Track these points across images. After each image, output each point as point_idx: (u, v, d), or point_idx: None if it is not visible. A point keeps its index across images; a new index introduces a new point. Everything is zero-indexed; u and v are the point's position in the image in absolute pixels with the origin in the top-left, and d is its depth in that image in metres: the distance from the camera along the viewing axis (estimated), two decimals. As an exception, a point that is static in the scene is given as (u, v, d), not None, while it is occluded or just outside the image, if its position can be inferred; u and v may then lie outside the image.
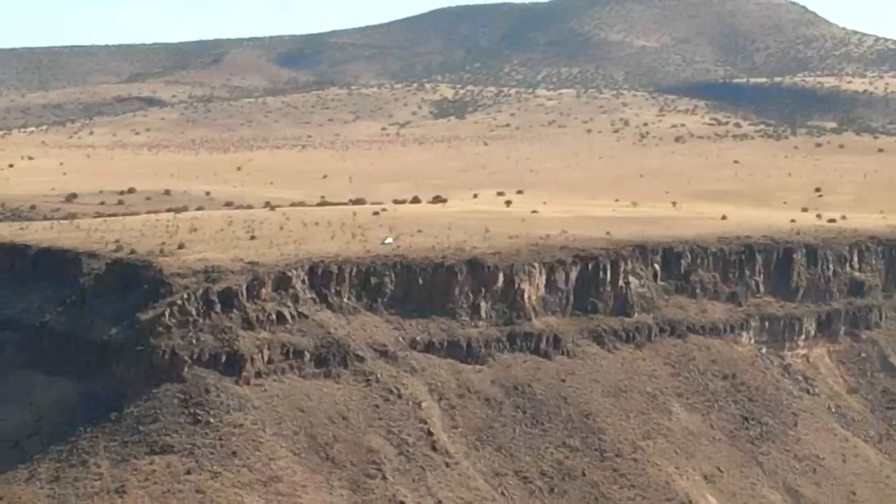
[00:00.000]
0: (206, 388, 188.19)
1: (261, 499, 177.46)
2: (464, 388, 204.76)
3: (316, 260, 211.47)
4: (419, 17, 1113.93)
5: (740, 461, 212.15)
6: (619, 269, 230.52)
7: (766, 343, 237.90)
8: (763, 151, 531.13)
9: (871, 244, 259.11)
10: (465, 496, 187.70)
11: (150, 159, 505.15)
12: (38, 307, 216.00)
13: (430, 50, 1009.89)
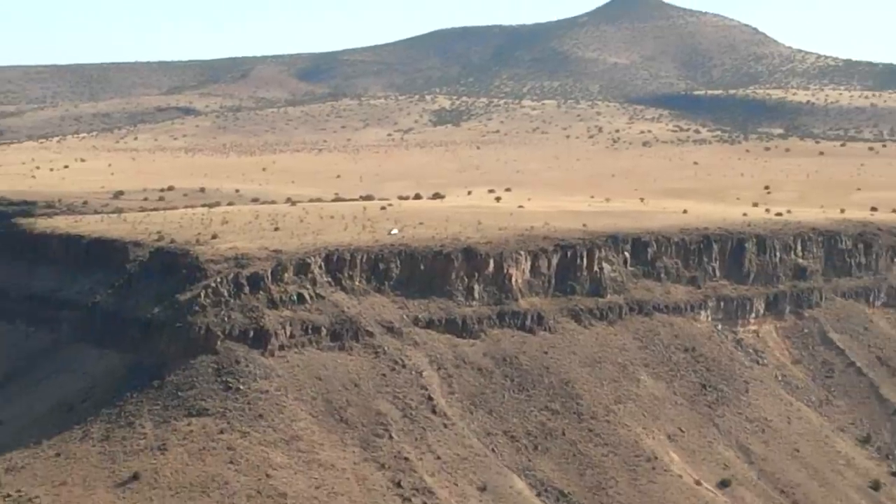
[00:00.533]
0: (237, 360, 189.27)
1: (284, 455, 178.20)
2: (459, 359, 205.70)
3: (331, 248, 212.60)
4: (420, 38, 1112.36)
5: (699, 423, 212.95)
6: (594, 257, 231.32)
7: (722, 320, 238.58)
8: (719, 154, 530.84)
9: (812, 235, 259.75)
10: (460, 453, 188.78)
11: (187, 161, 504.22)
12: (90, 289, 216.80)
13: (430, 66, 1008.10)
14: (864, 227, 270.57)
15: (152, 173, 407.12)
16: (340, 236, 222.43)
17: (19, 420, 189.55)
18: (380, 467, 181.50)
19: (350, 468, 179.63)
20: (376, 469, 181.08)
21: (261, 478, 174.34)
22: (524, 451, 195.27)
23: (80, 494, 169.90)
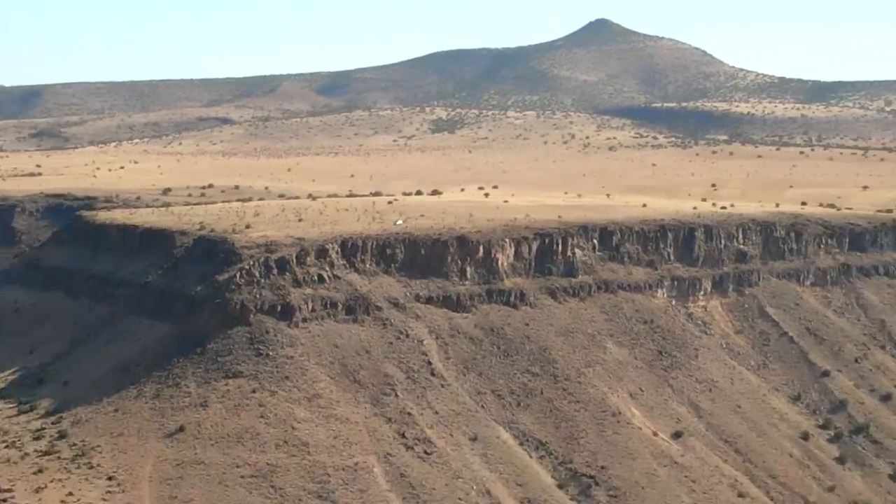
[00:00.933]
0: (266, 330, 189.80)
1: (306, 411, 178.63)
2: (454, 329, 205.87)
3: (346, 236, 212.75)
4: (420, 59, 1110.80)
5: (656, 383, 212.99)
6: (567, 243, 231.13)
7: (675, 297, 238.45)
8: (673, 157, 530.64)
9: (752, 225, 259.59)
10: (454, 409, 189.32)
11: (224, 163, 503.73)
12: (142, 271, 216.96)
13: (429, 82, 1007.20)
14: (795, 218, 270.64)
15: (195, 173, 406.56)
16: (354, 226, 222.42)
17: (83, 381, 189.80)
18: (387, 421, 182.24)
19: (362, 421, 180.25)
20: (384, 422, 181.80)
21: (287, 430, 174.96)
22: (508, 407, 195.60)
23: (134, 444, 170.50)
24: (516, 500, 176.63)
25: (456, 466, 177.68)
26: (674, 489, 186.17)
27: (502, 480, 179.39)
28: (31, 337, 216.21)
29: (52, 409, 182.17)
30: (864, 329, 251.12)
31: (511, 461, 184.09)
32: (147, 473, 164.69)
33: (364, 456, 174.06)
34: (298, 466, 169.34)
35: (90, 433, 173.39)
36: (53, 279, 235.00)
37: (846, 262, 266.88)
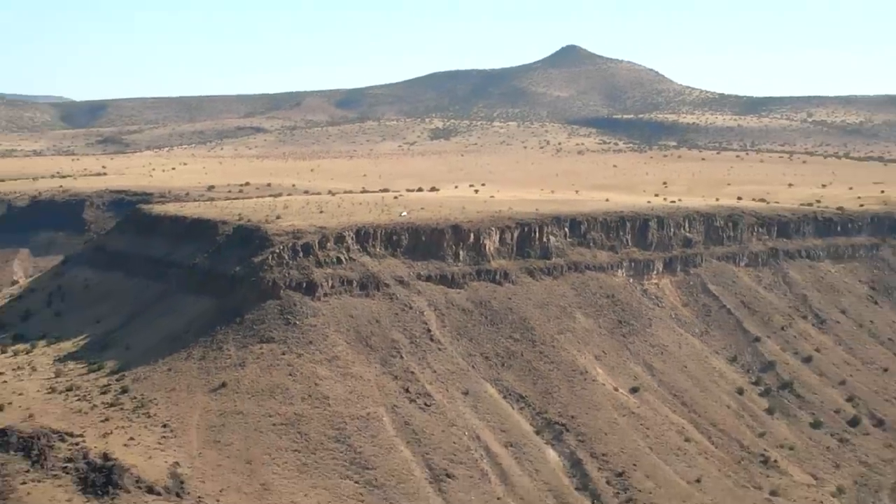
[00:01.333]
0: (294, 303, 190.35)
1: (326, 370, 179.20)
2: (449, 302, 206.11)
3: (360, 225, 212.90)
4: (421, 78, 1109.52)
5: (616, 347, 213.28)
6: (543, 231, 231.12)
7: (632, 276, 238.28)
8: (631, 160, 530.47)
9: (696, 216, 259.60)
10: (449, 368, 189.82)
11: (258, 165, 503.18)
12: (190, 254, 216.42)
13: (428, 98, 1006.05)
14: (732, 210, 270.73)
15: (233, 173, 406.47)
16: (366, 217, 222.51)
17: (141, 346, 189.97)
18: (393, 378, 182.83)
19: (373, 379, 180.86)
20: (391, 379, 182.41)
21: (310, 386, 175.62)
22: (494, 367, 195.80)
23: (184, 397, 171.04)
24: (501, 444, 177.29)
25: (451, 416, 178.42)
26: (631, 435, 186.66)
27: (489, 428, 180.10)
28: (97, 309, 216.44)
29: (115, 368, 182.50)
30: (788, 302, 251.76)
31: (496, 412, 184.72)
32: (195, 421, 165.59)
33: (375, 407, 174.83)
34: (320, 416, 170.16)
35: (147, 388, 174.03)
36: (116, 261, 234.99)
37: (774, 246, 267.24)
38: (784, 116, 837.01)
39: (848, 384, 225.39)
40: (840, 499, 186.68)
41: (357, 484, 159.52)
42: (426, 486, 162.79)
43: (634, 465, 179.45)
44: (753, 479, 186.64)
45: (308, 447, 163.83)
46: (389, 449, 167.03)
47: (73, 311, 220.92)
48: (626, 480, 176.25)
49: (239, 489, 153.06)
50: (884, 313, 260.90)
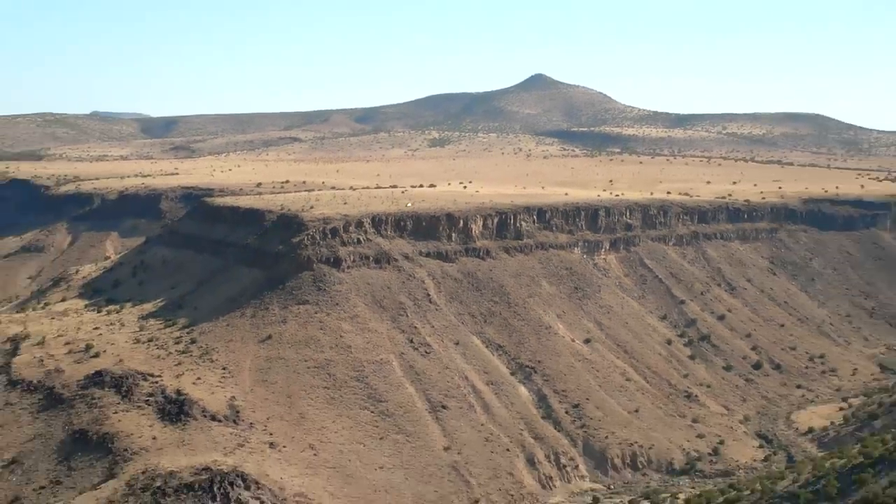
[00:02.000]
0: (324, 274, 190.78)
1: (349, 325, 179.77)
2: (444, 273, 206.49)
3: (375, 213, 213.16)
4: (422, 99, 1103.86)
5: (573, 308, 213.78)
6: (517, 218, 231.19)
7: (586, 252, 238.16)
8: (585, 163, 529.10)
9: (635, 206, 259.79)
10: (444, 324, 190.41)
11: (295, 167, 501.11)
12: (244, 236, 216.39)
13: (427, 114, 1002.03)
14: (662, 202, 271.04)
15: (276, 173, 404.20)
16: (379, 207, 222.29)
17: (206, 307, 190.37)
18: (401, 332, 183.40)
19: (385, 332, 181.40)
20: (399, 333, 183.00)
21: (337, 338, 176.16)
22: (478, 323, 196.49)
23: (239, 346, 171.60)
24: (483, 383, 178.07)
25: (445, 361, 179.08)
26: (584, 376, 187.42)
27: (474, 370, 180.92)
28: (171, 279, 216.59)
29: (186, 324, 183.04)
30: (706, 273, 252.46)
31: (480, 358, 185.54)
32: (247, 365, 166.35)
33: (386, 354, 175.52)
34: (344, 361, 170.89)
35: (211, 340, 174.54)
36: (186, 242, 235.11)
37: (695, 230, 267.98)
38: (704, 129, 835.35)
39: (752, 336, 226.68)
40: (746, 425, 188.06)
41: (372, 413, 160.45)
42: (426, 415, 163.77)
43: (587, 399, 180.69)
44: (679, 409, 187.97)
45: (335, 385, 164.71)
46: (397, 386, 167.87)
47: (152, 281, 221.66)
48: (580, 411, 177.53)
49: (281, 417, 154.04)
50: (780, 282, 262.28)
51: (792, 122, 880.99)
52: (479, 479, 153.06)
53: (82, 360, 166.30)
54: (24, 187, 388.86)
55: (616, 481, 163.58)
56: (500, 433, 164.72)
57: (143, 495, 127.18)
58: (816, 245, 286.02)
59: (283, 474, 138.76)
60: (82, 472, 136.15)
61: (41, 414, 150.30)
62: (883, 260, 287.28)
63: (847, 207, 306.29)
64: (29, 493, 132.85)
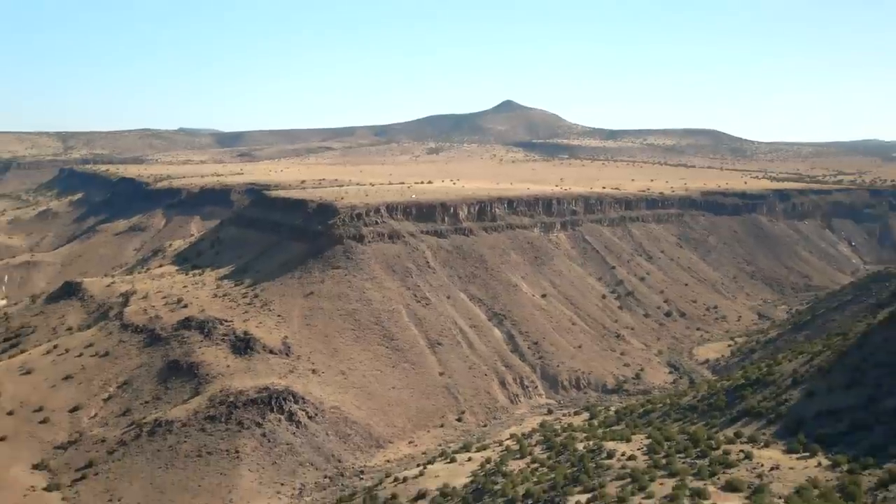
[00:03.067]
0: (350, 247, 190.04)
1: (369, 284, 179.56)
2: (439, 246, 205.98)
3: (388, 202, 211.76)
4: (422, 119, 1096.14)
5: (533, 272, 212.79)
6: (492, 206, 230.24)
7: (543, 231, 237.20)
8: (543, 166, 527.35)
9: (579, 197, 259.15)
10: (439, 283, 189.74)
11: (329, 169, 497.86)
12: (292, 218, 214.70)
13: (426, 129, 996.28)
14: (599, 194, 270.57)
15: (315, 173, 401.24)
16: (392, 197, 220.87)
17: (265, 271, 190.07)
18: (407, 289, 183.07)
19: (395, 289, 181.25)
20: (406, 289, 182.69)
21: (360, 293, 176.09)
22: (464, 283, 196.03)
23: (290, 300, 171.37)
24: (468, 326, 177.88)
25: (440, 310, 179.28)
26: (541, 321, 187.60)
27: (461, 316, 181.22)
28: (239, 250, 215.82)
29: (250, 283, 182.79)
30: (631, 247, 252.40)
31: (465, 308, 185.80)
32: (296, 313, 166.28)
33: (397, 305, 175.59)
34: (367, 310, 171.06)
35: (269, 294, 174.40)
36: (250, 223, 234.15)
37: (623, 215, 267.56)
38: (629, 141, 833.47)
39: (664, 293, 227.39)
40: (659, 357, 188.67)
41: (387, 349, 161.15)
42: (426, 349, 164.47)
43: (543, 338, 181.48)
44: (611, 346, 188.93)
45: (359, 327, 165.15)
46: (405, 329, 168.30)
47: (225, 252, 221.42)
48: (538, 347, 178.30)
49: (320, 351, 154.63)
50: (685, 253, 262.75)
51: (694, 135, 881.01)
52: (464, 396, 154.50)
53: (175, 309, 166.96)
54: (131, 184, 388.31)
55: (565, 398, 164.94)
56: (480, 363, 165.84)
57: (220, 408, 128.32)
58: (711, 226, 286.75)
59: (321, 392, 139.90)
60: (175, 391, 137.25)
61: (145, 349, 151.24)
62: (760, 237, 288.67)
63: (734, 198, 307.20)
64: (137, 406, 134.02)
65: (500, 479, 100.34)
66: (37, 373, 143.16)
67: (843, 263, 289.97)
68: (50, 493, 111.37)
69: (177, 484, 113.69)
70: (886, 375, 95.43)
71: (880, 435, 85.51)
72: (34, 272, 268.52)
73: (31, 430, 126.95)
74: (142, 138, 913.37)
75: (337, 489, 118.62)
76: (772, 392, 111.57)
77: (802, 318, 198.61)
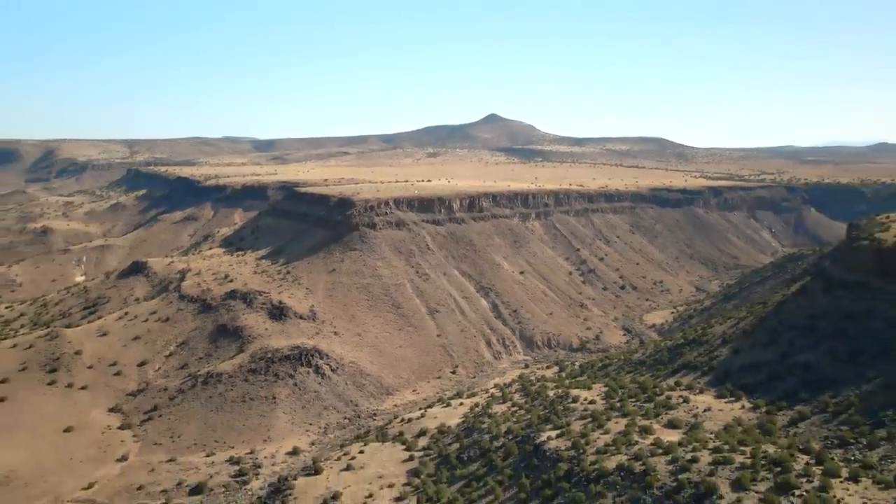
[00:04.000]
0: (365, 233, 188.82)
1: (381, 264, 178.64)
2: (437, 233, 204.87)
3: (395, 196, 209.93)
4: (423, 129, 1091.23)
5: (513, 253, 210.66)
6: (480, 199, 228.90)
7: (521, 220, 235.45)
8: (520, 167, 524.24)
9: (550, 193, 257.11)
10: (437, 262, 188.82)
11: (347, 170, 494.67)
12: (317, 210, 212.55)
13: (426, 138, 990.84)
14: (567, 190, 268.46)
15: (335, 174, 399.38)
16: (398, 192, 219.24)
17: (296, 252, 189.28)
18: (411, 267, 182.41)
19: (401, 267, 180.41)
20: (410, 267, 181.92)
21: (373, 270, 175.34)
22: (457, 262, 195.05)
23: (316, 276, 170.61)
24: (461, 297, 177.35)
25: (438, 284, 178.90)
26: (520, 293, 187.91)
27: (455, 289, 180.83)
28: (274, 236, 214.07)
29: (284, 262, 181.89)
30: (592, 233, 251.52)
31: (458, 282, 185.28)
32: (321, 287, 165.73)
33: (402, 280, 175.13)
34: (378, 284, 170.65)
35: (299, 272, 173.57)
36: (283, 214, 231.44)
37: (586, 207, 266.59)
38: (592, 147, 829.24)
39: (619, 270, 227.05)
40: (615, 322, 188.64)
41: (394, 315, 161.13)
42: (426, 316, 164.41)
43: (521, 306, 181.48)
44: (576, 313, 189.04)
45: (372, 298, 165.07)
46: (409, 299, 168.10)
47: (263, 237, 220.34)
48: (517, 314, 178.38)
49: (341, 317, 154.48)
50: (636, 238, 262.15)
51: (644, 142, 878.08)
52: (457, 354, 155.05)
53: (223, 283, 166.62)
54: (185, 182, 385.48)
55: (539, 355, 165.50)
56: (470, 326, 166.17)
57: (260, 363, 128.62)
58: (658, 216, 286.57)
59: (341, 350, 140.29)
60: (224, 349, 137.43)
61: (199, 315, 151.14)
62: (697, 225, 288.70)
63: (677, 194, 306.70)
64: (192, 362, 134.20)
65: (486, 419, 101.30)
66: (111, 335, 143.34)
67: (764, 247, 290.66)
68: (123, 431, 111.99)
69: (225, 424, 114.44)
70: (797, 336, 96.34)
71: (792, 384, 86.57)
72: (107, 254, 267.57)
73: (107, 380, 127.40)
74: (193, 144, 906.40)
75: (354, 428, 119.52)
76: (705, 349, 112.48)
77: (731, 291, 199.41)
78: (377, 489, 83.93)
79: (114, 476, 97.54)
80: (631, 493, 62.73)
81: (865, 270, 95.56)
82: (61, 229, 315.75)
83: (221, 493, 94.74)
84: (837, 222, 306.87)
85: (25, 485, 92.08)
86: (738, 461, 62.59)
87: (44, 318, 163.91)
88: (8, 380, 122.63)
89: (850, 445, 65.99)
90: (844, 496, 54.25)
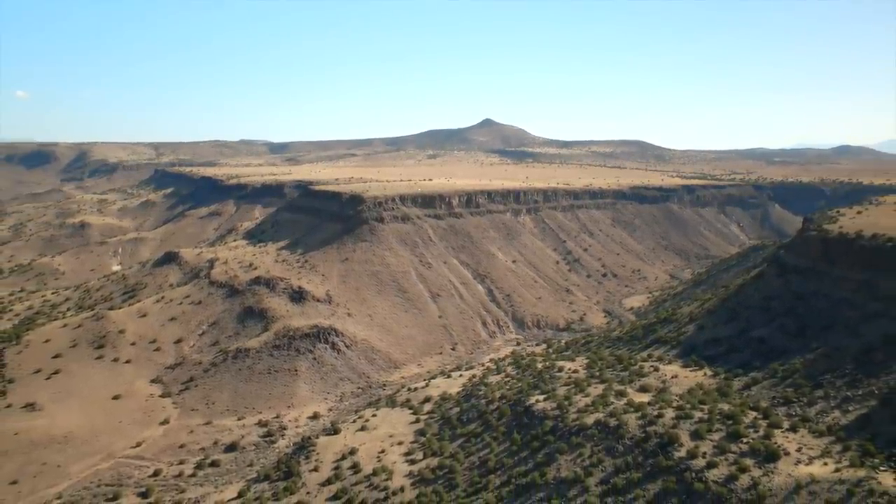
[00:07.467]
0: (374, 227, 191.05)
1: (389, 253, 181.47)
2: (438, 226, 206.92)
3: (401, 193, 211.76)
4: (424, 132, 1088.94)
5: (506, 245, 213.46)
6: (476, 196, 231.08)
7: (513, 215, 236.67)
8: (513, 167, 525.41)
9: (539, 191, 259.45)
10: (438, 252, 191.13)
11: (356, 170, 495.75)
12: (330, 206, 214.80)
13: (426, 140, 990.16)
14: (555, 188, 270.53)
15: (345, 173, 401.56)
16: (402, 190, 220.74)
17: (312, 244, 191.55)
18: (415, 256, 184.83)
19: (406, 256, 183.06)
20: (415, 257, 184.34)
21: (382, 259, 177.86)
22: (456, 252, 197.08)
23: (330, 264, 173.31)
24: (459, 283, 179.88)
25: (439, 271, 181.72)
26: (512, 280, 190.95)
27: (454, 276, 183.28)
28: (292, 229, 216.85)
29: (301, 253, 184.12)
30: (578, 226, 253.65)
31: (457, 270, 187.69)
32: (335, 274, 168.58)
33: (409, 268, 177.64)
34: (387, 272, 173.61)
35: (315, 260, 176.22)
36: (299, 210, 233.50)
37: (572, 203, 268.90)
38: (578, 149, 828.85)
39: (601, 260, 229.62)
40: (598, 305, 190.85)
41: (401, 299, 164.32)
42: (429, 300, 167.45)
43: (514, 291, 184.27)
44: (562, 297, 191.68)
45: (381, 284, 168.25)
46: (414, 284, 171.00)
47: (281, 230, 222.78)
48: (510, 298, 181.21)
49: (353, 300, 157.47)
50: (617, 231, 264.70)
51: (626, 145, 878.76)
52: (457, 333, 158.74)
53: (247, 271, 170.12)
54: (209, 181, 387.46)
55: (529, 334, 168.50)
56: (468, 309, 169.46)
57: (283, 339, 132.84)
58: (637, 211, 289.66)
59: (354, 329, 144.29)
60: (250, 328, 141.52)
61: (227, 299, 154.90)
62: (672, 220, 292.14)
63: (654, 191, 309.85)
64: (223, 339, 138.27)
65: (482, 387, 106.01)
66: (150, 316, 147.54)
67: (733, 239, 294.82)
68: (164, 398, 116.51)
69: (253, 393, 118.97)
70: (754, 315, 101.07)
71: (748, 355, 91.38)
72: (140, 245, 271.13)
73: (148, 355, 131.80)
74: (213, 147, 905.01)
75: (367, 396, 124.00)
76: (675, 327, 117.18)
77: (700, 278, 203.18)
78: (388, 446, 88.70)
79: (158, 436, 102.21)
80: (606, 443, 67.59)
81: (814, 257, 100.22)
82: (97, 224, 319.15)
83: (252, 450, 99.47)
84: (799, 217, 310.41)
85: (83, 443, 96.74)
86: (697, 416, 67.45)
87: (87, 302, 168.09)
88: (61, 355, 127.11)
89: (794, 403, 70.92)
90: (784, 442, 59.20)
